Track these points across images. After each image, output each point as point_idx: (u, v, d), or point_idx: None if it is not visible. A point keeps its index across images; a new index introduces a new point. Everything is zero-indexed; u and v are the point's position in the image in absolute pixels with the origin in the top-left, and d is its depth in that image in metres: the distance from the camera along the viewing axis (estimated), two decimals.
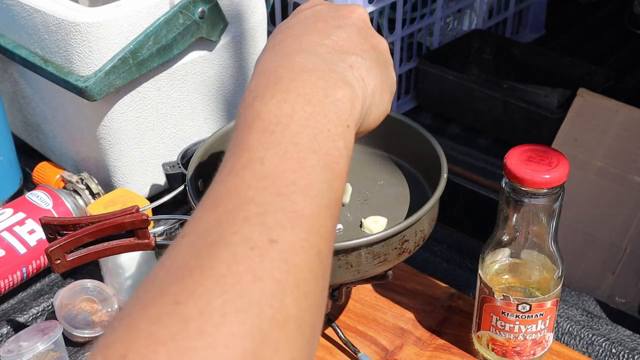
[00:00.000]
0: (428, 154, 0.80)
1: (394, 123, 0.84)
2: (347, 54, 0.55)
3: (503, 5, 1.70)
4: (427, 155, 0.80)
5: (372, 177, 0.84)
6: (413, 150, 0.84)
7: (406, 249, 0.73)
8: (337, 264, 0.69)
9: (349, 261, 0.70)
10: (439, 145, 0.80)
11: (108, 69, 0.89)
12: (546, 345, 0.80)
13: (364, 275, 0.73)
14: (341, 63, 0.54)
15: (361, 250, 0.69)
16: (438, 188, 0.74)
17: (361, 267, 0.70)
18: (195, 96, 1.01)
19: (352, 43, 0.57)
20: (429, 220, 0.75)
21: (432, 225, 0.76)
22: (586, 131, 1.32)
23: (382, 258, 0.71)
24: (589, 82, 1.46)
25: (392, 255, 0.72)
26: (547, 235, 0.74)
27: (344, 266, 0.70)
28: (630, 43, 1.79)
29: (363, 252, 0.69)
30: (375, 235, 0.70)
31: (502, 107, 1.46)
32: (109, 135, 0.96)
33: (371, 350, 0.83)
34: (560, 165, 0.71)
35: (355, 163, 0.85)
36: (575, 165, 1.28)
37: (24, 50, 0.97)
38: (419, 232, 0.73)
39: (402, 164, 0.86)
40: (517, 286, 0.77)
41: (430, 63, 1.54)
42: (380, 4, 1.40)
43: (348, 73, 0.54)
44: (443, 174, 0.76)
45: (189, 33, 0.95)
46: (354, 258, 0.69)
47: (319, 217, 0.44)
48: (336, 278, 0.71)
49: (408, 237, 0.72)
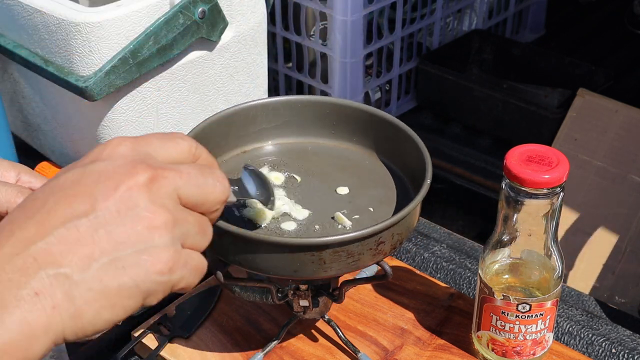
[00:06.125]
0: (416, 158, 0.79)
1: (383, 124, 0.84)
2: (48, 267, 0.45)
3: (503, 5, 1.70)
4: (414, 159, 0.79)
5: (360, 177, 0.83)
6: (401, 152, 0.83)
7: (381, 250, 0.72)
8: (309, 259, 0.69)
9: (322, 257, 0.69)
10: (426, 150, 0.78)
11: (108, 69, 0.89)
12: (546, 345, 0.80)
13: (337, 274, 0.72)
14: (24, 288, 0.44)
15: (336, 247, 0.69)
16: (419, 193, 0.73)
17: (334, 265, 0.70)
18: (195, 96, 1.02)
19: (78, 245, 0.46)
20: (407, 224, 0.74)
21: (410, 229, 0.75)
22: (586, 131, 1.33)
23: (355, 257, 0.70)
24: (589, 82, 1.46)
25: (367, 256, 0.71)
26: (547, 235, 0.74)
27: (317, 262, 0.69)
28: (630, 43, 1.80)
29: (339, 250, 0.69)
30: (351, 234, 0.69)
31: (502, 107, 1.46)
32: (109, 135, 0.96)
33: (371, 350, 0.83)
34: (560, 165, 0.71)
35: (345, 161, 0.85)
36: (575, 165, 1.29)
37: (24, 50, 0.97)
38: (397, 234, 0.72)
39: (391, 165, 0.85)
40: (517, 286, 0.77)
41: (430, 63, 1.54)
42: (380, 4, 1.40)
43: (26, 307, 0.44)
44: (427, 179, 0.74)
45: (189, 33, 0.95)
46: (327, 255, 0.69)
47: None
48: (308, 273, 0.70)
49: (384, 239, 0.71)
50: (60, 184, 0.48)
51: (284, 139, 0.87)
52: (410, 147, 0.80)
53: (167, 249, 0.48)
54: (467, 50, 1.62)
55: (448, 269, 0.95)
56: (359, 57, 1.40)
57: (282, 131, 0.87)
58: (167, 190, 0.49)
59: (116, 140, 0.51)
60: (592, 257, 1.22)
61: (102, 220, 0.46)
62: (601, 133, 1.31)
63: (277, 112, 0.86)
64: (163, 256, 0.48)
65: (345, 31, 1.36)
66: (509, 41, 1.67)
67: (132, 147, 0.51)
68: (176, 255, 0.49)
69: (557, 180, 0.70)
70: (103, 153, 0.50)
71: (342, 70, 1.41)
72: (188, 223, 0.50)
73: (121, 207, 0.47)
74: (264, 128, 0.87)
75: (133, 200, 0.47)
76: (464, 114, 1.54)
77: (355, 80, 1.43)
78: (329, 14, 1.37)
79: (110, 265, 0.46)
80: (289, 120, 0.87)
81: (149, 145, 0.51)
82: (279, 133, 0.87)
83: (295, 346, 0.84)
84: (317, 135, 0.87)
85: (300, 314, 0.80)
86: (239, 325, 0.87)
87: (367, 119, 0.85)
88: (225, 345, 0.85)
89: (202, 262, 0.52)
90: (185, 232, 0.50)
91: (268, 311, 0.88)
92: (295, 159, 0.85)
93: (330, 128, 0.87)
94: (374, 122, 0.85)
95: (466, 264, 0.95)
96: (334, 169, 0.84)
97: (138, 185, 0.48)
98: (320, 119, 0.87)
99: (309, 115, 0.87)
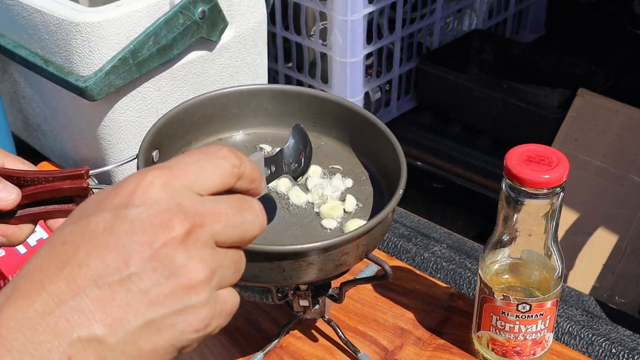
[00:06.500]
0: (394, 164, 0.75)
1: (363, 121, 0.80)
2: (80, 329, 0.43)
3: (503, 5, 1.70)
4: (392, 164, 0.75)
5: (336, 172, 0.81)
6: (379, 154, 0.79)
7: (345, 261, 0.69)
8: (268, 266, 0.67)
9: (281, 266, 0.67)
10: (403, 157, 0.74)
11: (108, 69, 0.89)
12: (546, 345, 0.80)
13: (296, 282, 0.70)
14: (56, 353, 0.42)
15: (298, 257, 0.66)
16: (389, 204, 0.69)
17: (293, 274, 0.68)
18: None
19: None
20: (375, 236, 0.71)
21: (379, 240, 0.72)
22: (586, 131, 1.33)
23: (318, 267, 0.68)
24: (589, 82, 1.47)
25: (329, 266, 0.68)
26: (547, 235, 0.74)
27: (275, 269, 0.67)
28: (630, 43, 1.80)
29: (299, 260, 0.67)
30: (307, 245, 0.66)
31: (502, 107, 1.46)
32: (109, 135, 0.96)
33: (371, 350, 0.83)
34: (560, 165, 0.71)
35: (322, 156, 0.82)
36: (575, 165, 1.29)
37: (24, 50, 0.97)
38: (362, 246, 0.69)
39: (369, 165, 0.81)
40: (517, 286, 0.77)
41: (430, 63, 1.54)
42: (380, 4, 1.40)
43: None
44: (399, 189, 0.70)
45: (189, 33, 0.95)
46: (288, 264, 0.67)
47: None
48: (267, 280, 0.68)
49: (348, 250, 0.68)
50: (90, 231, 0.45)
51: (261, 128, 0.84)
52: (389, 150, 0.77)
53: (204, 307, 0.45)
54: (467, 50, 1.62)
55: (448, 269, 0.95)
56: (359, 57, 1.40)
57: (260, 120, 0.83)
58: (204, 240, 0.46)
59: (149, 178, 0.46)
60: (592, 257, 1.22)
61: (137, 279, 0.44)
62: (601, 133, 1.31)
63: (257, 100, 0.83)
64: (200, 315, 0.45)
65: (345, 31, 1.36)
66: (509, 41, 1.67)
67: (166, 185, 0.46)
68: (212, 309, 0.46)
69: (557, 180, 0.70)
70: (136, 195, 0.45)
71: (342, 70, 1.41)
72: (225, 268, 0.47)
73: (157, 265, 0.44)
74: (241, 115, 0.83)
75: (170, 258, 0.44)
76: (464, 114, 1.54)
77: (355, 80, 1.43)
78: (329, 14, 1.37)
79: (146, 328, 0.44)
80: (268, 109, 0.83)
81: (186, 178, 0.47)
82: (254, 122, 0.83)
83: (295, 346, 0.84)
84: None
85: (300, 314, 0.80)
86: (239, 325, 0.87)
87: (348, 115, 0.81)
88: (225, 345, 0.85)
89: (236, 300, 0.49)
90: (222, 277, 0.47)
91: (268, 311, 0.88)
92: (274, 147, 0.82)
93: (311, 121, 0.83)
94: (354, 119, 0.81)
95: (466, 264, 0.95)
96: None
97: (174, 241, 0.44)
98: (302, 111, 0.83)
99: (291, 106, 0.83)
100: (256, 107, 0.83)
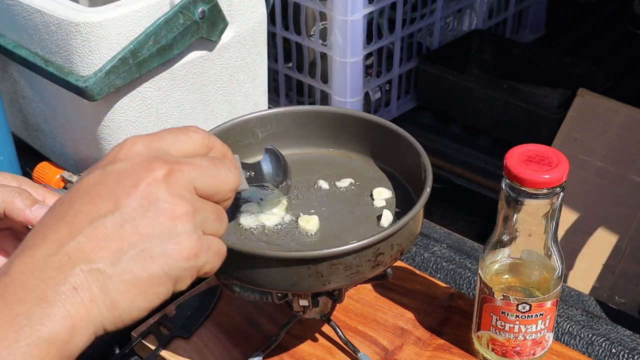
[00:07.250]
0: (416, 165, 0.78)
1: (384, 131, 0.82)
2: (82, 263, 0.48)
3: (503, 5, 1.70)
4: (415, 166, 0.78)
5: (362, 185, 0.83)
6: (402, 159, 0.81)
7: (381, 261, 0.70)
8: (306, 272, 0.68)
9: (319, 270, 0.68)
10: (426, 157, 0.77)
11: (108, 69, 0.89)
12: (546, 345, 0.80)
13: (336, 287, 0.71)
14: (63, 284, 0.47)
15: (333, 260, 0.67)
16: (419, 202, 0.71)
17: (332, 278, 0.68)
18: (195, 96, 1.02)
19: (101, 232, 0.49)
20: (407, 234, 0.72)
21: (411, 239, 0.74)
22: (586, 131, 1.33)
23: (354, 270, 0.69)
24: (589, 82, 1.47)
25: (366, 268, 0.69)
26: (547, 235, 0.74)
27: (314, 275, 0.68)
28: (630, 43, 1.80)
29: (335, 263, 0.67)
30: (347, 246, 0.67)
31: (502, 107, 1.46)
32: (109, 135, 0.96)
33: (371, 350, 0.83)
34: (560, 165, 0.71)
35: (348, 171, 0.84)
36: (575, 165, 1.29)
37: (24, 50, 0.97)
38: (396, 245, 0.71)
39: (392, 172, 0.83)
40: (517, 286, 0.77)
41: (430, 63, 1.54)
42: (380, 4, 1.40)
43: (67, 300, 0.47)
44: (427, 187, 0.73)
45: (189, 33, 0.95)
46: (324, 268, 0.67)
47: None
48: (306, 287, 0.69)
49: (383, 250, 0.70)
50: (83, 187, 0.51)
51: (284, 150, 0.85)
52: (411, 154, 0.79)
53: (190, 236, 0.51)
54: (467, 50, 1.62)
55: (448, 269, 0.95)
56: (359, 57, 1.41)
57: (282, 142, 0.84)
58: (183, 183, 0.52)
59: (131, 140, 0.53)
60: (592, 257, 1.22)
61: (127, 216, 0.50)
62: (601, 133, 1.31)
63: (279, 122, 0.85)
64: (187, 243, 0.51)
65: (345, 31, 1.36)
66: (509, 41, 1.67)
67: (146, 145, 0.53)
68: (199, 241, 0.52)
69: (557, 180, 0.70)
70: (120, 154, 0.53)
71: (342, 70, 1.41)
72: (206, 211, 0.53)
73: (143, 202, 0.50)
74: (263, 138, 0.85)
75: (153, 195, 0.50)
76: (464, 114, 1.54)
77: (355, 80, 1.43)
78: (329, 14, 1.37)
79: (139, 256, 0.50)
80: (288, 130, 0.85)
81: (163, 141, 0.54)
82: (278, 144, 0.84)
83: (295, 346, 0.84)
84: (318, 146, 0.86)
85: (300, 314, 0.80)
86: (239, 325, 0.87)
87: (368, 127, 0.84)
88: (225, 345, 0.85)
89: (222, 246, 0.55)
90: (204, 219, 0.53)
91: (268, 311, 0.88)
92: (297, 170, 0.82)
93: (333, 138, 0.86)
94: (374, 130, 0.84)
95: (466, 264, 0.95)
96: (336, 173, 0.83)
97: (156, 181, 0.51)
98: (322, 129, 0.85)
99: (310, 126, 0.85)
100: (277, 127, 0.85)
